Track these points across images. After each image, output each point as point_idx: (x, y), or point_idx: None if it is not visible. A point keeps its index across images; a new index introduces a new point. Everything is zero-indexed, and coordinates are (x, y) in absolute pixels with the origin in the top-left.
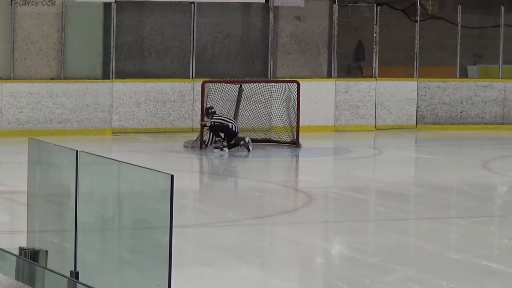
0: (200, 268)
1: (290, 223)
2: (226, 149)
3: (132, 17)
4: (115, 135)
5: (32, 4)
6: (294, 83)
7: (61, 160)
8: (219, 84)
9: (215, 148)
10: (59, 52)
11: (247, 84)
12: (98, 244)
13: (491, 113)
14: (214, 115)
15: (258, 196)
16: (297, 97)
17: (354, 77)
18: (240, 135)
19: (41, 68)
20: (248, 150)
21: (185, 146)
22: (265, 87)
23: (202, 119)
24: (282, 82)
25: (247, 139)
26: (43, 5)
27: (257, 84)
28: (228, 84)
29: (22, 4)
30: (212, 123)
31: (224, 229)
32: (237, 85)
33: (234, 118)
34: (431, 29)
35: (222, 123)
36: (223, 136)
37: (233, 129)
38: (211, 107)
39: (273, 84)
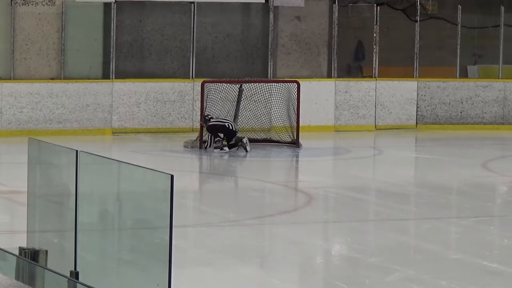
0: (200, 268)
1: (290, 223)
2: (226, 148)
3: (132, 17)
4: (115, 135)
5: (32, 4)
6: (294, 83)
7: (61, 160)
8: (219, 84)
9: (215, 148)
10: (59, 52)
11: (247, 84)
12: (98, 244)
13: (491, 113)
14: (211, 120)
15: (258, 196)
16: (297, 97)
17: (354, 77)
18: (239, 134)
19: (41, 68)
20: (246, 150)
21: (185, 146)
22: (265, 87)
23: (201, 119)
24: (282, 82)
25: (245, 140)
26: (43, 5)
27: (257, 84)
28: (228, 84)
29: (22, 4)
30: (210, 125)
31: (224, 229)
32: (237, 85)
33: (234, 118)
34: (431, 29)
35: (219, 124)
36: (222, 136)
37: (231, 128)
38: (208, 115)
39: (273, 84)
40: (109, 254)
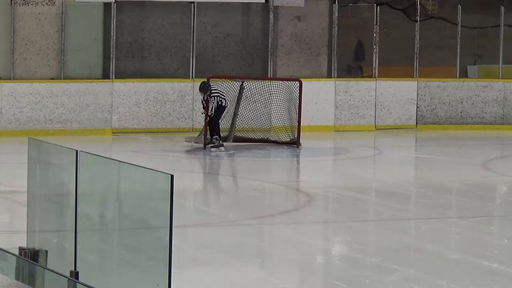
0: (200, 268)
1: (290, 223)
2: (222, 148)
3: (132, 17)
4: (115, 135)
5: (32, 4)
6: (297, 82)
7: (61, 160)
8: (220, 82)
9: (211, 147)
10: (59, 52)
11: (247, 84)
12: (98, 244)
13: (491, 113)
14: (212, 89)
15: (258, 196)
16: (299, 96)
17: (354, 77)
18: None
19: (41, 68)
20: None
21: (186, 141)
22: (265, 87)
23: (205, 110)
24: (285, 80)
25: (220, 142)
26: (43, 5)
27: (257, 83)
28: (229, 83)
29: (22, 4)
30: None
31: (224, 229)
32: (237, 85)
33: (234, 116)
34: (431, 29)
35: (219, 96)
36: (219, 137)
37: (225, 105)
38: (206, 83)
39: (274, 83)
40: (109, 254)
